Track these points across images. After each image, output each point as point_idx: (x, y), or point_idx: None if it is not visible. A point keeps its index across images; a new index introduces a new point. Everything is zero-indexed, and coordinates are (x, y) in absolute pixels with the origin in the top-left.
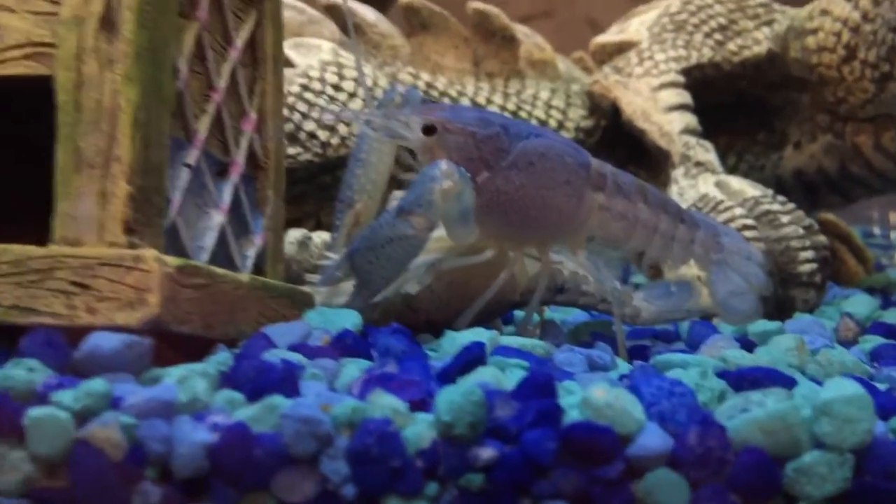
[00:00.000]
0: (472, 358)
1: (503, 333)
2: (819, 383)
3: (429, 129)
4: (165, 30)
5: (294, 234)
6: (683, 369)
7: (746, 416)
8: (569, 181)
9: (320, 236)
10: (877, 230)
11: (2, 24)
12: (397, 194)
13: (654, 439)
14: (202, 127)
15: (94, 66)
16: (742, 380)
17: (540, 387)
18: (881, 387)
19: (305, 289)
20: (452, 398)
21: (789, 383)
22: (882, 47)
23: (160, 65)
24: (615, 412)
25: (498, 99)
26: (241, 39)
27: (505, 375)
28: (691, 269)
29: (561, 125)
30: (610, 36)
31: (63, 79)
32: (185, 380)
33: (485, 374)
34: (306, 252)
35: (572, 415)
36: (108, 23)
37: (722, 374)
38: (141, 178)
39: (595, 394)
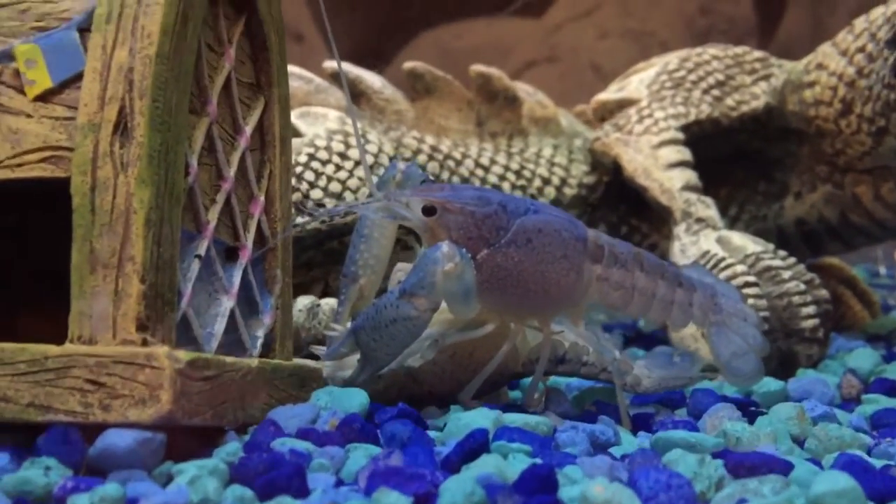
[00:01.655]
0: (475, 445)
1: (508, 401)
2: (817, 463)
3: (429, 210)
4: (178, 130)
5: (303, 302)
6: (685, 450)
7: None
8: (566, 255)
9: (328, 303)
10: (882, 269)
11: (19, 129)
12: (401, 266)
13: None
14: (212, 217)
15: (108, 169)
16: (739, 466)
17: (541, 479)
18: (878, 464)
19: (312, 363)
20: (455, 499)
21: (786, 469)
22: (877, 102)
23: (172, 165)
24: None
25: (501, 159)
26: (249, 127)
27: (508, 463)
28: (693, 327)
29: (564, 182)
30: (610, 94)
31: (79, 182)
32: (196, 480)
33: (488, 464)
34: (315, 320)
35: None
36: (122, 127)
37: (721, 455)
38: (153, 275)
39: (594, 490)
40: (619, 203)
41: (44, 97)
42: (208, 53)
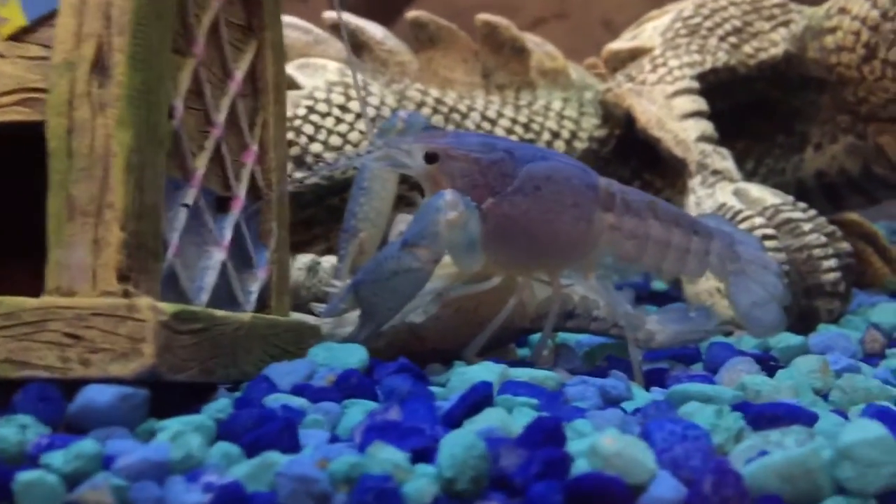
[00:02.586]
0: (478, 399)
1: (516, 358)
2: (843, 415)
3: (431, 157)
4: (159, 70)
5: (302, 260)
6: (701, 402)
7: (764, 461)
8: (577, 204)
9: (329, 261)
10: None
11: None
12: (402, 217)
13: (666, 489)
14: (200, 164)
15: (86, 110)
16: (760, 417)
17: (548, 432)
18: None
19: (312, 319)
20: (454, 451)
21: (810, 420)
22: None
23: (154, 106)
24: (625, 461)
25: (509, 111)
26: (240, 71)
27: (512, 417)
28: (709, 281)
29: (574, 135)
30: (622, 43)
31: (55, 125)
32: (179, 436)
33: (491, 418)
34: (315, 278)
35: (581, 464)
36: (99, 66)
37: (741, 407)
38: (135, 223)
39: (604, 442)
40: (631, 157)
41: (17, 36)
42: None
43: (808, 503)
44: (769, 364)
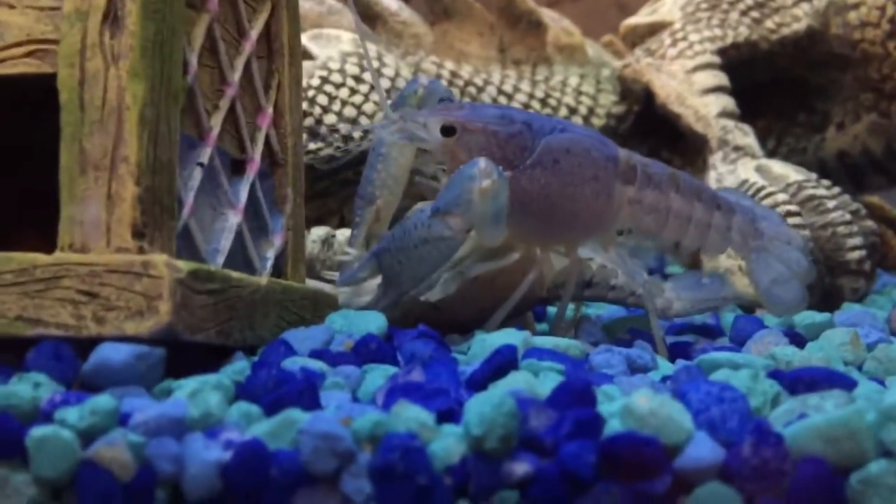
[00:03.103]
0: (503, 362)
1: (536, 332)
2: (881, 383)
3: (448, 130)
4: (173, 22)
5: (317, 233)
6: (732, 370)
7: (805, 422)
8: (596, 176)
9: (344, 234)
10: None
11: (1, 21)
12: (420, 206)
13: (703, 450)
14: (215, 123)
15: (98, 61)
16: (798, 381)
17: (577, 393)
18: None
19: (328, 288)
20: (482, 409)
21: (849, 385)
22: None
23: (168, 59)
24: (660, 421)
25: (525, 86)
26: (255, 31)
27: (539, 381)
28: (729, 260)
29: (591, 112)
30: (641, 17)
31: (66, 76)
32: (196, 393)
33: (517, 380)
34: (330, 251)
35: (613, 424)
36: (112, 16)
37: (774, 375)
38: (150, 178)
39: (638, 401)
40: (649, 134)
41: None
42: None
43: (852, 465)
44: (797, 338)
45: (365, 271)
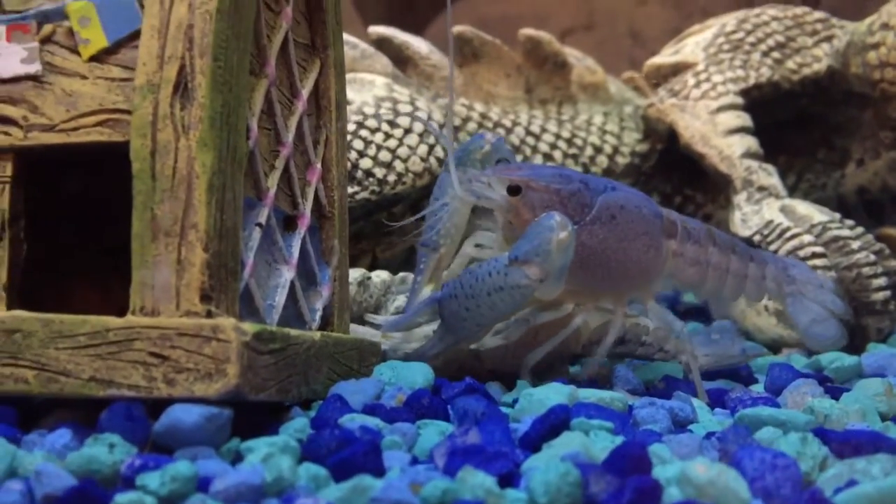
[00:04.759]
0: (555, 422)
1: (569, 376)
2: None
3: (514, 189)
4: (238, 91)
5: (353, 275)
6: (777, 427)
7: (856, 491)
8: (647, 232)
9: (379, 276)
10: None
11: (74, 91)
12: (479, 234)
13: None
14: (272, 184)
15: (169, 132)
16: (845, 445)
17: (634, 459)
18: None
19: (370, 333)
20: (547, 478)
21: (893, 448)
22: None
23: (234, 128)
24: (718, 490)
25: (552, 126)
26: (306, 90)
27: (591, 441)
28: (762, 318)
29: (616, 150)
30: (665, 57)
31: (138, 146)
32: (268, 458)
33: (572, 442)
34: (366, 293)
35: (672, 493)
36: (182, 88)
37: (820, 434)
38: (217, 243)
39: (696, 470)
40: (672, 172)
41: (99, 57)
42: (265, 11)
43: None
44: (827, 385)
45: (423, 316)
